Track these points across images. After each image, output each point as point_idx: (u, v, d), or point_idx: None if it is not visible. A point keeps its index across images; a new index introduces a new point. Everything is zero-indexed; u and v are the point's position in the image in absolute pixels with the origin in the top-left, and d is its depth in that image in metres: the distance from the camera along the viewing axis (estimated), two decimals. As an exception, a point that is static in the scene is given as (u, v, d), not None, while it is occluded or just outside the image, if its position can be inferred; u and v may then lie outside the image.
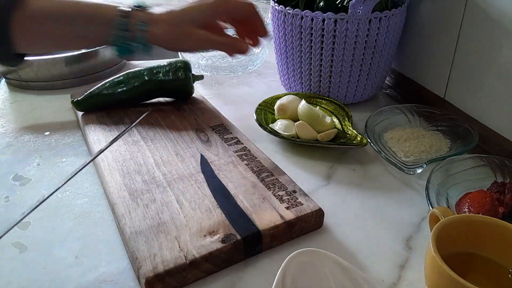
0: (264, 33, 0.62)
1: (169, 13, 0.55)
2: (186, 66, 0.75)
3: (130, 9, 0.54)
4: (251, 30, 0.62)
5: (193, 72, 0.77)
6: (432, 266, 0.39)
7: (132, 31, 0.54)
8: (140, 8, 0.55)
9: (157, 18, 0.55)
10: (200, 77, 0.80)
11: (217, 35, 0.57)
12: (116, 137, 0.55)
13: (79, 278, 0.44)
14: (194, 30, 0.55)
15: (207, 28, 0.57)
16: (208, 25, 0.57)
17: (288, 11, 0.72)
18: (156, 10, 0.56)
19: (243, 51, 0.59)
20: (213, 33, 0.58)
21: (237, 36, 0.63)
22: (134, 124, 0.60)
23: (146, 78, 0.73)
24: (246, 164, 0.58)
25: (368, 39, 0.71)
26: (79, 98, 0.71)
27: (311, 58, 0.74)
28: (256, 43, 0.62)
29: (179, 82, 0.74)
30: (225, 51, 0.59)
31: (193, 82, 0.76)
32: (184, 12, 0.56)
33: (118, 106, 0.73)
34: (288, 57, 0.78)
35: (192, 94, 0.77)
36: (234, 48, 0.59)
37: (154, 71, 0.74)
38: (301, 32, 0.72)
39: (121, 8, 0.54)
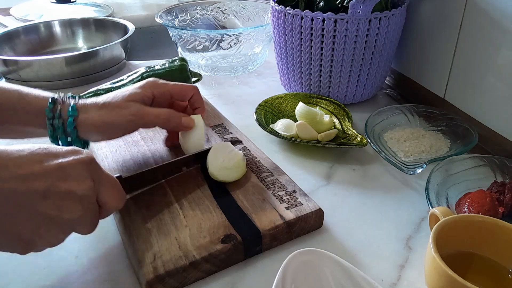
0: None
1: (102, 99, 0.52)
2: (182, 58, 0.76)
3: (61, 97, 0.51)
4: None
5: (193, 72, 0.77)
6: (432, 266, 0.39)
7: (63, 118, 0.49)
8: (72, 97, 0.52)
9: (88, 105, 0.51)
10: (199, 76, 0.80)
11: (151, 108, 0.53)
12: None
13: (79, 278, 0.44)
14: (126, 103, 0.51)
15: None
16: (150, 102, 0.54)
17: (288, 11, 0.72)
18: (90, 99, 0.52)
19: (184, 126, 0.55)
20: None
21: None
22: None
23: (144, 70, 0.74)
24: (246, 164, 0.58)
25: (368, 39, 0.71)
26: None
27: (311, 58, 0.74)
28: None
29: (175, 71, 0.74)
30: (163, 125, 0.55)
31: (192, 77, 0.77)
32: (115, 93, 0.52)
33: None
34: (288, 57, 0.78)
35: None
36: (173, 121, 0.54)
37: (152, 65, 0.76)
38: (301, 32, 0.72)
39: (52, 96, 0.50)
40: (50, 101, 0.50)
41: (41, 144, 0.37)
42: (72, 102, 0.50)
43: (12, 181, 0.33)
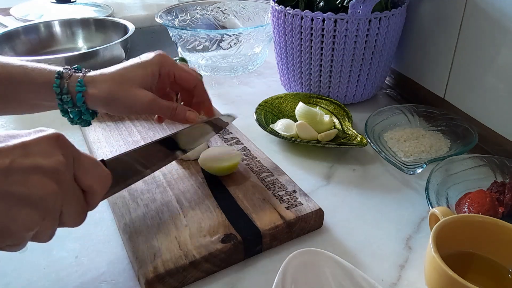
0: (209, 111, 0.57)
1: (109, 73, 0.50)
2: (182, 58, 0.76)
3: (67, 71, 0.49)
4: (197, 104, 0.57)
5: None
6: (432, 266, 0.39)
7: (71, 93, 0.49)
8: (78, 70, 0.50)
9: (96, 78, 0.49)
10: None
11: (160, 99, 0.51)
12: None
13: (79, 278, 0.44)
14: (136, 91, 0.50)
15: (151, 91, 0.52)
16: (152, 88, 0.52)
17: (288, 11, 0.72)
18: (96, 72, 0.51)
19: (189, 120, 0.53)
20: (164, 86, 0.54)
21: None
22: None
23: None
24: (246, 164, 0.58)
25: (368, 39, 0.71)
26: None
27: (311, 58, 0.74)
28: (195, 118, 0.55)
29: None
30: (170, 118, 0.53)
31: None
32: (124, 71, 0.50)
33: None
34: (288, 57, 0.78)
35: None
36: (179, 115, 0.53)
37: None
38: (301, 32, 0.72)
39: (58, 70, 0.49)
40: (56, 75, 0.49)
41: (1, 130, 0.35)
42: (79, 75, 0.49)
43: None
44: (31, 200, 0.32)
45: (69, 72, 0.50)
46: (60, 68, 0.50)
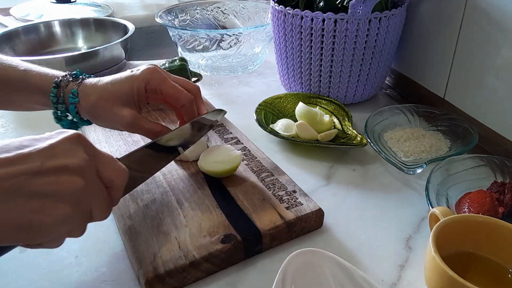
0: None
1: (100, 85, 0.51)
2: (182, 58, 0.76)
3: (64, 78, 0.51)
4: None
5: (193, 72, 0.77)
6: (432, 266, 0.39)
7: (66, 103, 0.50)
8: (75, 77, 0.51)
9: (88, 90, 0.50)
10: (199, 76, 0.80)
11: (144, 120, 0.51)
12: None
13: (79, 278, 0.44)
14: (118, 109, 0.50)
15: (138, 107, 0.52)
16: (139, 104, 0.52)
17: (288, 11, 0.72)
18: (90, 80, 0.51)
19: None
20: (153, 101, 0.54)
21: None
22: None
23: None
24: (246, 164, 0.58)
25: (368, 39, 0.71)
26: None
27: (311, 58, 0.74)
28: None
29: (175, 71, 0.73)
30: (152, 139, 0.52)
31: (192, 77, 0.77)
32: (112, 86, 0.51)
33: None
34: (288, 57, 0.78)
35: None
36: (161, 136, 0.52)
37: None
38: (301, 32, 0.72)
39: (56, 79, 0.50)
40: (54, 85, 0.50)
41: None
42: (74, 86, 0.50)
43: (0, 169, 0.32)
44: (62, 196, 0.34)
45: (67, 80, 0.51)
46: (59, 76, 0.51)
